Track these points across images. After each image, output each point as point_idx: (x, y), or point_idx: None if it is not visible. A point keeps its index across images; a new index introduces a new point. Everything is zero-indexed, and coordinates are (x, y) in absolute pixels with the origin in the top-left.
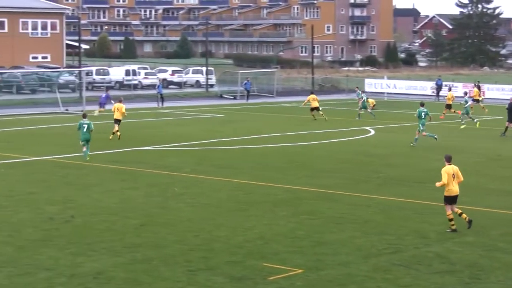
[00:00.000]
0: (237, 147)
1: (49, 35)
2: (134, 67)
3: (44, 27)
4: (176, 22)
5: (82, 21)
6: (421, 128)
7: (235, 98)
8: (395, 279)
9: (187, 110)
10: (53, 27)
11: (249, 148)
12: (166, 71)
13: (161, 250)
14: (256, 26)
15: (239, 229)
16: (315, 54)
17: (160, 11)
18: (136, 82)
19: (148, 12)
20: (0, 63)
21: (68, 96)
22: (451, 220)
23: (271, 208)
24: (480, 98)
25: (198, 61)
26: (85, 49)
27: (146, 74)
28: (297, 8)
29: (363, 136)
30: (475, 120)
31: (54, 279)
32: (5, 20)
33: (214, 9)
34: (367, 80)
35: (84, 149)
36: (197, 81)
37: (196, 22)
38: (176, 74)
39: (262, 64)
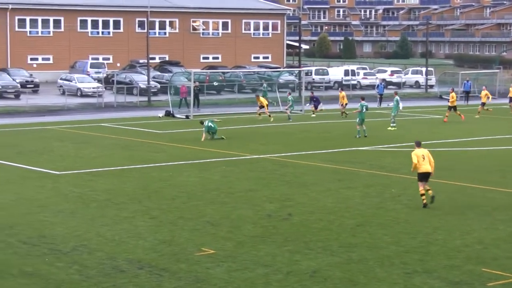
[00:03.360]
0: (454, 149)
1: (270, 35)
2: (353, 67)
3: (265, 27)
4: (396, 22)
5: (303, 22)
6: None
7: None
8: None
9: (406, 111)
10: (275, 27)
11: (467, 151)
12: (385, 71)
13: (377, 251)
14: (478, 26)
15: (456, 232)
16: None
17: (380, 11)
18: (355, 82)
19: (368, 12)
20: (224, 62)
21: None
22: (422, 195)
23: (490, 212)
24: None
25: (418, 61)
26: (305, 49)
27: (365, 74)
28: None
29: None
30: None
31: (271, 275)
32: (229, 21)
33: (435, 9)
34: None
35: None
36: (416, 82)
37: (417, 22)
38: (395, 75)
39: (483, 64)
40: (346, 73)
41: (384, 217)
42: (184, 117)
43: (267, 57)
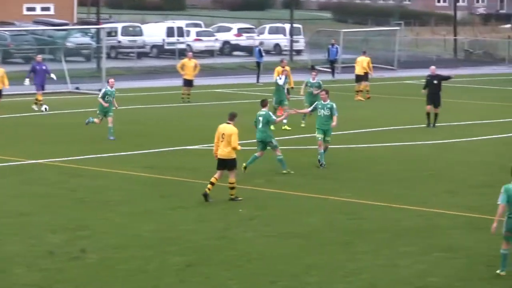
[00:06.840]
0: (338, 146)
1: None
2: (181, 23)
3: None
4: None
5: None
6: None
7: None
8: None
9: (242, 88)
10: None
11: (355, 149)
12: (229, 29)
13: None
14: None
15: (339, 272)
16: (460, 4)
17: None
18: (183, 46)
19: None
20: None
21: (80, 67)
22: (211, 183)
23: (390, 240)
24: None
25: (279, 14)
26: None
27: (198, 34)
28: None
29: None
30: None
31: None
32: None
33: None
34: None
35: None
36: (277, 45)
37: None
38: (244, 35)
39: (377, 19)
40: (170, 32)
41: (229, 252)
42: None
43: (48, 9)
